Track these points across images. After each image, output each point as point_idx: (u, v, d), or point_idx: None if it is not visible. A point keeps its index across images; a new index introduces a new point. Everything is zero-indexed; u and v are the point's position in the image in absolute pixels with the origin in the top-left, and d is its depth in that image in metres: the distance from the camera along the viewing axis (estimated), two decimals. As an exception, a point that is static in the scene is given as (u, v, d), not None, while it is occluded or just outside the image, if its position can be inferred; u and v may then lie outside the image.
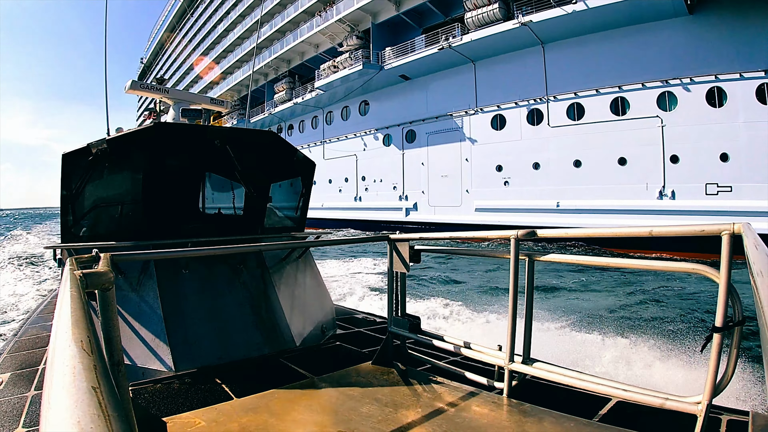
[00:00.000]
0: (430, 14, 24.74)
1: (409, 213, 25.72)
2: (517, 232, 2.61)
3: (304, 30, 31.54)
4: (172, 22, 62.02)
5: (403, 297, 3.43)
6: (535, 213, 19.11)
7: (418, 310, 7.92)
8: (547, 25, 17.93)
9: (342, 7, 27.41)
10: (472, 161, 22.29)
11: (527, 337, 2.63)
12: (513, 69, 20.46)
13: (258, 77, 39.57)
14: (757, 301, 1.09)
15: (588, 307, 7.15)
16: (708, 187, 14.72)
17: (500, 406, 2.66)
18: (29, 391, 3.08)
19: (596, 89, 17.54)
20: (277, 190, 4.91)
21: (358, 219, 28.75)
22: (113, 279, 1.59)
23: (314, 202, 32.30)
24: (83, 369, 0.65)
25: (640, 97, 16.42)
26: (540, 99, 19.41)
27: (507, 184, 20.70)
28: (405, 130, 26.08)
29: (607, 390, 2.23)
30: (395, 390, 3.04)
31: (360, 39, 27.67)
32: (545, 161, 19.26)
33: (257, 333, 3.89)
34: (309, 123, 34.47)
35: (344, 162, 30.55)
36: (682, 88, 15.48)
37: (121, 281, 3.66)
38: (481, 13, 20.25)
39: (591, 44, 17.69)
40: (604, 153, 17.28)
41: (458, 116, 22.94)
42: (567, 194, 18.36)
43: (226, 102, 6.30)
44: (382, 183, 27.72)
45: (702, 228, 1.89)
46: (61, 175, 3.74)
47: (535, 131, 19.70)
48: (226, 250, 3.46)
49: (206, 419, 2.62)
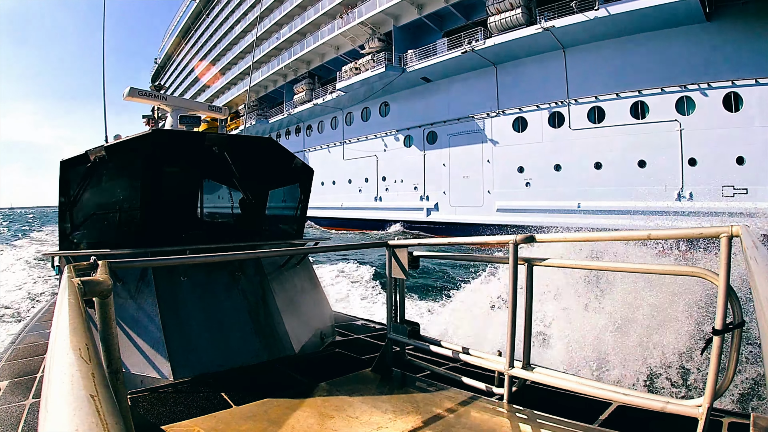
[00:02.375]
0: (451, 18, 26.11)
1: (430, 213, 27.08)
2: (515, 237, 2.69)
3: (325, 32, 33.12)
4: (187, 23, 64.21)
5: (402, 303, 3.52)
6: (556, 214, 20.30)
7: (416, 315, 8.24)
8: (569, 30, 19.16)
9: (364, 10, 28.90)
10: (493, 162, 23.59)
11: (527, 343, 2.70)
12: (534, 72, 21.72)
13: (277, 78, 41.33)
14: (756, 303, 1.13)
15: (587, 312, 7.46)
16: (724, 189, 15.88)
17: (500, 412, 2.72)
18: (27, 399, 3.14)
19: (616, 93, 18.77)
20: (276, 197, 5.07)
21: (377, 219, 30.19)
22: (111, 286, 1.62)
23: (333, 202, 33.95)
24: (81, 377, 0.66)
25: (659, 101, 17.63)
26: (561, 102, 20.67)
27: (528, 185, 21.97)
28: (426, 131, 27.46)
29: (608, 394, 2.28)
30: (395, 397, 3.12)
31: (382, 41, 29.15)
32: (566, 163, 20.52)
33: (256, 340, 3.99)
34: (328, 123, 36.02)
35: (364, 162, 32.07)
36: (699, 92, 16.67)
37: (120, 288, 3.76)
38: (505, 18, 21.53)
39: (611, 49, 18.91)
40: (624, 155, 18.49)
41: (480, 118, 24.25)
42: (588, 195, 19.58)
43: (224, 109, 6.68)
44: (402, 183, 29.16)
45: (700, 231, 1.95)
46: (59, 182, 3.84)
47: (557, 134, 20.95)
48: (224, 257, 3.67)
49: (205, 427, 2.68)
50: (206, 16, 57.71)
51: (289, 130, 41.27)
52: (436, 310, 8.93)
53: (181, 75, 67.43)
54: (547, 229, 11.81)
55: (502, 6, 21.62)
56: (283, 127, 41.87)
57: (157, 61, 79.55)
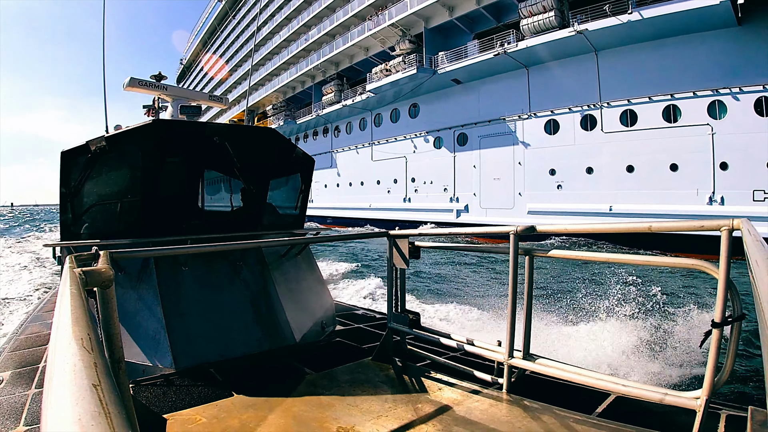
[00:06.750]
0: (482, 20, 27.72)
1: (460, 214, 28.69)
2: (516, 228, 2.80)
3: (354, 34, 35.23)
4: (213, 24, 67.73)
5: (402, 293, 3.68)
6: (588, 216, 21.56)
7: (416, 307, 8.50)
8: (602, 33, 20.48)
9: (395, 12, 30.81)
10: (525, 165, 25.02)
11: (527, 333, 2.81)
12: (566, 75, 23.09)
13: (305, 79, 43.77)
14: (755, 297, 1.19)
15: (587, 303, 8.00)
16: (755, 193, 16.96)
17: (500, 402, 2.84)
18: (30, 390, 3.27)
19: (649, 97, 20.02)
20: (277, 187, 5.26)
21: (406, 220, 31.86)
22: (113, 276, 1.70)
23: (362, 203, 35.89)
24: (84, 367, 0.69)
25: (691, 105, 18.83)
26: (593, 105, 21.99)
27: (560, 187, 23.32)
28: (456, 133, 29.10)
29: (607, 385, 2.38)
30: (395, 386, 3.28)
31: (412, 43, 31.03)
32: (598, 166, 21.82)
33: (257, 329, 4.18)
34: (357, 125, 38.11)
35: (393, 163, 33.98)
36: (731, 96, 17.80)
37: (121, 279, 3.90)
38: (537, 21, 22.97)
39: (643, 52, 20.17)
40: (656, 159, 19.71)
41: (511, 120, 25.73)
42: (619, 198, 20.83)
43: (225, 99, 6.96)
44: (432, 185, 30.89)
45: (701, 224, 2.02)
46: (60, 172, 3.99)
47: (589, 136, 22.26)
48: (225, 247, 3.76)
49: (207, 416, 2.82)
50: (232, 17, 60.88)
51: (317, 131, 43.63)
52: (434, 304, 9.31)
53: (206, 76, 70.90)
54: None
55: (534, 9, 23.05)
56: (311, 128, 44.29)
57: (183, 62, 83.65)
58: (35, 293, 11.67)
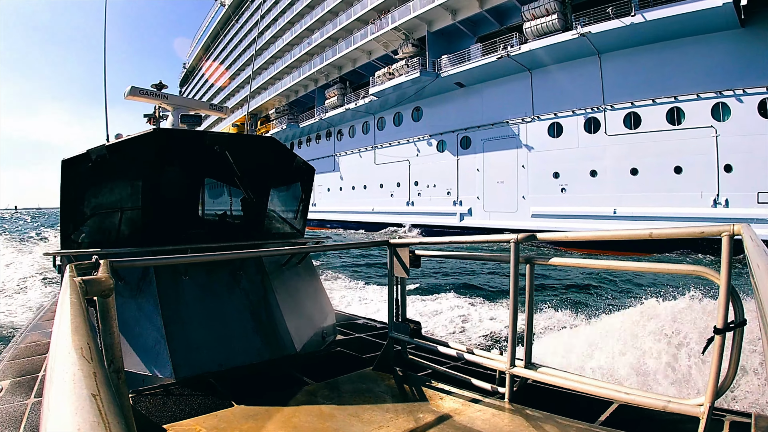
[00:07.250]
0: (484, 23, 28.01)
1: (463, 218, 28.84)
2: (516, 235, 2.81)
3: (357, 37, 35.63)
4: (216, 29, 68.43)
5: (403, 302, 3.72)
6: (592, 219, 21.69)
7: (418, 314, 8.69)
8: (606, 36, 20.69)
9: (398, 16, 31.16)
10: (528, 168, 25.18)
11: (528, 341, 2.81)
12: (570, 78, 23.28)
13: (308, 83, 44.19)
14: (757, 302, 1.20)
15: (588, 310, 7.94)
16: (760, 195, 17.03)
17: (502, 411, 2.84)
18: (29, 399, 3.26)
19: (652, 99, 20.16)
20: (277, 196, 5.30)
21: (410, 223, 32.03)
22: (113, 285, 1.72)
23: (364, 207, 36.05)
24: (83, 376, 0.69)
25: (695, 107, 18.97)
26: (597, 108, 22.15)
27: (564, 190, 23.45)
28: (460, 136, 29.31)
29: (609, 393, 2.39)
30: (396, 396, 3.28)
31: (415, 46, 31.32)
32: (602, 169, 21.95)
33: (257, 339, 4.18)
34: (360, 128, 38.38)
35: (396, 167, 34.19)
36: (735, 99, 17.93)
37: (121, 288, 3.90)
38: (540, 24, 23.19)
39: (647, 55, 20.35)
40: (660, 161, 19.84)
41: (514, 123, 25.91)
42: (624, 201, 20.95)
43: (225, 108, 6.98)
44: (435, 188, 31.06)
45: (702, 229, 2.03)
46: (61, 181, 4.00)
47: (592, 139, 22.42)
48: (225, 256, 3.74)
49: (207, 426, 2.82)
50: (235, 21, 61.50)
51: (320, 135, 43.94)
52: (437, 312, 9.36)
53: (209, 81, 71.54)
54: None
55: (537, 12, 23.28)
56: (314, 132, 44.60)
57: (185, 66, 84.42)
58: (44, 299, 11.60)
